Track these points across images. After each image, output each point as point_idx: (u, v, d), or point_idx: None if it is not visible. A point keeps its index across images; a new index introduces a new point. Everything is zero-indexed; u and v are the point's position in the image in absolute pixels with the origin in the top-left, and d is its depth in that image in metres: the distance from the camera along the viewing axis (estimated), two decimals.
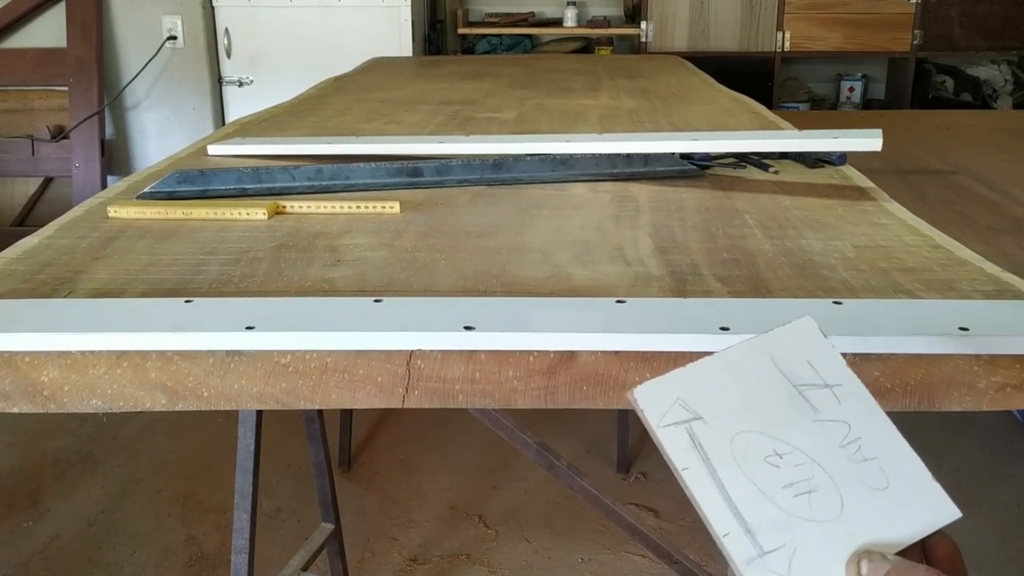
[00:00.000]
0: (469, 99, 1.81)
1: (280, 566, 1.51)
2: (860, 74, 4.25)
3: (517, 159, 1.15)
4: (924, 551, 0.49)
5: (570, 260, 0.83)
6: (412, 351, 0.64)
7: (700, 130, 1.45)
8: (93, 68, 3.36)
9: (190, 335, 0.64)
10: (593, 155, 1.15)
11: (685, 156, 1.17)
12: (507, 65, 2.53)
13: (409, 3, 3.46)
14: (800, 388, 0.51)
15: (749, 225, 0.93)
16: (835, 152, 1.18)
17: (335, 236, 0.90)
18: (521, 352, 0.64)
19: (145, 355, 0.65)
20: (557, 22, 4.21)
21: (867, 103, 4.26)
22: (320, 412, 1.51)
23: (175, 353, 0.65)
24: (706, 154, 1.19)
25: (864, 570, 0.46)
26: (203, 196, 1.05)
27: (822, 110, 4.17)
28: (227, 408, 0.66)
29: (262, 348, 0.65)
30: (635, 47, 4.03)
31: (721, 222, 0.95)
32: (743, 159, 1.21)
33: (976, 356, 0.64)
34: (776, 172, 1.16)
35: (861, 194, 1.07)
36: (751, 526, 0.46)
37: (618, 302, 0.70)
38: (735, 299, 0.72)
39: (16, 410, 0.65)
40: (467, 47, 4.30)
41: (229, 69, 3.58)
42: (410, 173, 1.11)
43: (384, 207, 0.99)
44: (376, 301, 0.70)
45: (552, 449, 1.39)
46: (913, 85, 3.98)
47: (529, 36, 4.26)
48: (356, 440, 2.32)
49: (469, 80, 2.14)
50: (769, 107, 1.72)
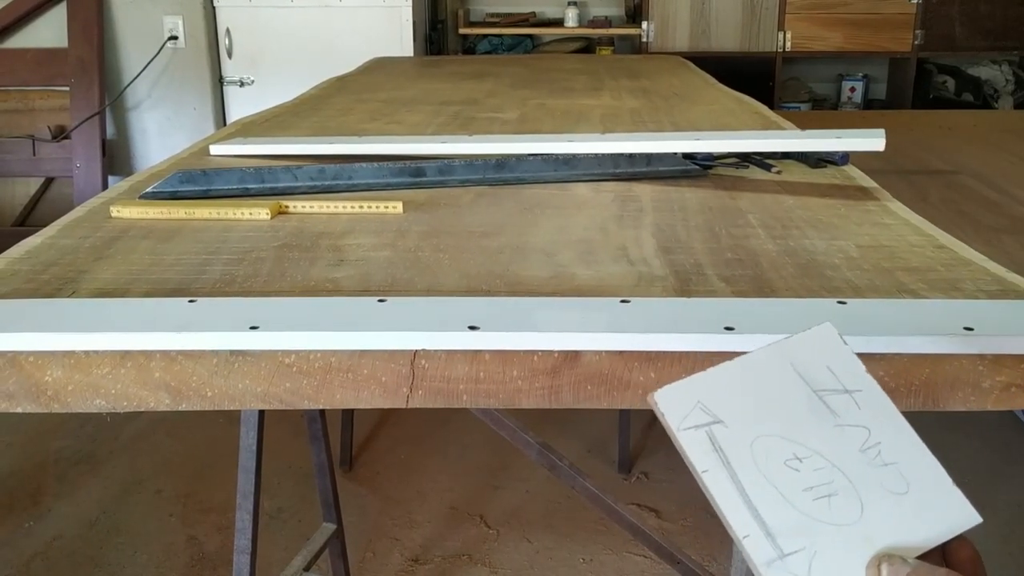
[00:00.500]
0: (471, 99, 1.81)
1: (282, 566, 1.51)
2: (861, 74, 4.25)
3: (520, 159, 1.15)
4: (944, 556, 0.49)
5: (573, 260, 0.83)
6: (416, 351, 0.64)
7: (702, 130, 1.45)
8: (94, 68, 3.36)
9: (194, 335, 0.64)
10: (596, 155, 1.15)
11: (688, 156, 1.16)
12: (508, 65, 2.53)
13: (410, 3, 3.46)
14: (820, 393, 0.51)
15: (752, 225, 0.93)
16: (838, 152, 1.18)
17: (338, 236, 0.90)
18: (525, 352, 0.64)
19: (149, 355, 0.65)
20: (558, 22, 4.21)
21: (868, 103, 4.26)
22: (322, 412, 1.51)
23: (179, 353, 0.65)
24: (709, 154, 1.19)
25: (884, 573, 0.46)
26: (206, 196, 1.05)
27: (823, 110, 4.17)
28: (231, 408, 0.66)
29: (266, 348, 0.64)
30: (636, 47, 4.03)
31: (724, 222, 0.94)
32: (746, 159, 1.21)
33: (981, 356, 0.64)
34: (779, 172, 1.16)
35: (864, 194, 1.07)
36: (771, 528, 0.46)
37: (622, 302, 0.70)
38: (739, 299, 0.72)
39: (20, 410, 0.65)
40: (468, 47, 4.30)
41: (230, 69, 3.58)
42: (413, 173, 1.11)
43: (387, 207, 0.98)
44: (380, 301, 0.70)
45: (554, 449, 1.39)
46: (914, 85, 3.98)
47: (530, 36, 4.26)
48: (357, 440, 2.32)
49: (471, 80, 2.14)
50: (770, 107, 1.72)
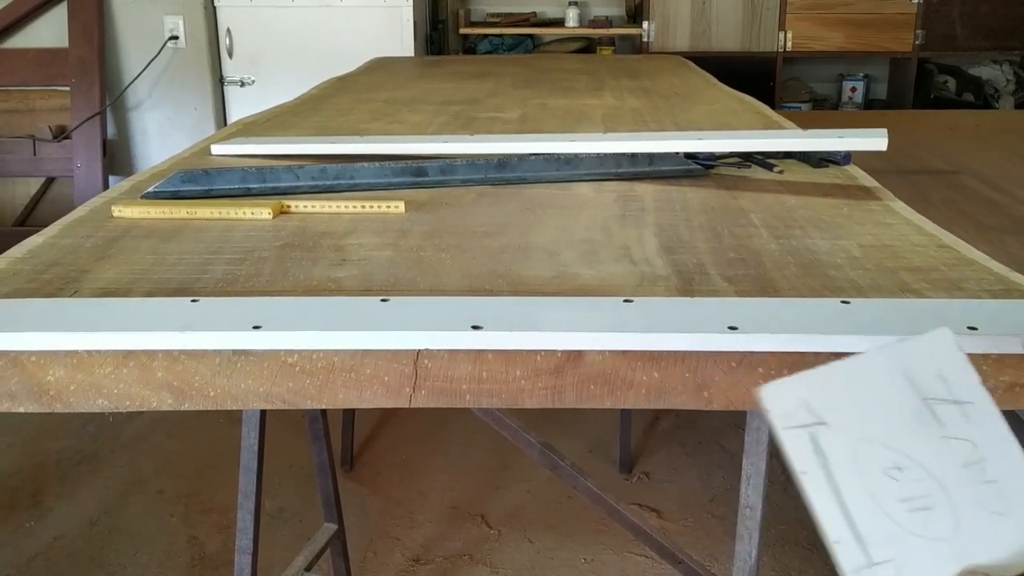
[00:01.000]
0: (472, 99, 1.81)
1: (283, 566, 1.51)
2: (862, 74, 4.25)
3: (521, 159, 1.15)
4: None
5: (576, 260, 0.83)
6: (419, 350, 0.64)
7: (704, 130, 1.45)
8: (95, 68, 3.36)
9: (196, 334, 0.64)
10: (597, 155, 1.15)
11: (689, 155, 1.16)
12: (509, 65, 2.53)
13: (411, 3, 3.46)
14: (928, 401, 0.51)
15: (755, 224, 0.93)
16: (839, 152, 1.18)
17: (340, 236, 0.90)
18: (528, 352, 0.64)
19: (151, 354, 0.65)
20: (559, 22, 4.21)
21: (869, 103, 4.26)
22: (323, 412, 1.51)
23: (181, 352, 0.65)
24: (711, 154, 1.19)
25: None
26: (207, 196, 1.05)
27: (824, 110, 4.17)
28: (233, 408, 0.66)
29: (269, 348, 0.64)
30: (637, 47, 4.02)
31: (727, 222, 0.94)
32: (747, 159, 1.20)
33: (984, 355, 0.64)
34: (781, 172, 1.16)
35: (866, 194, 1.07)
36: (863, 536, 0.46)
37: (625, 301, 0.69)
38: (742, 299, 0.72)
39: (22, 409, 0.65)
40: (469, 47, 4.30)
41: (231, 69, 3.58)
42: (414, 173, 1.10)
43: (389, 207, 0.98)
44: (383, 300, 0.70)
45: (555, 449, 1.39)
46: (915, 85, 3.98)
47: (531, 36, 4.26)
48: (358, 440, 2.32)
49: (472, 80, 2.14)
50: (771, 107, 1.72)
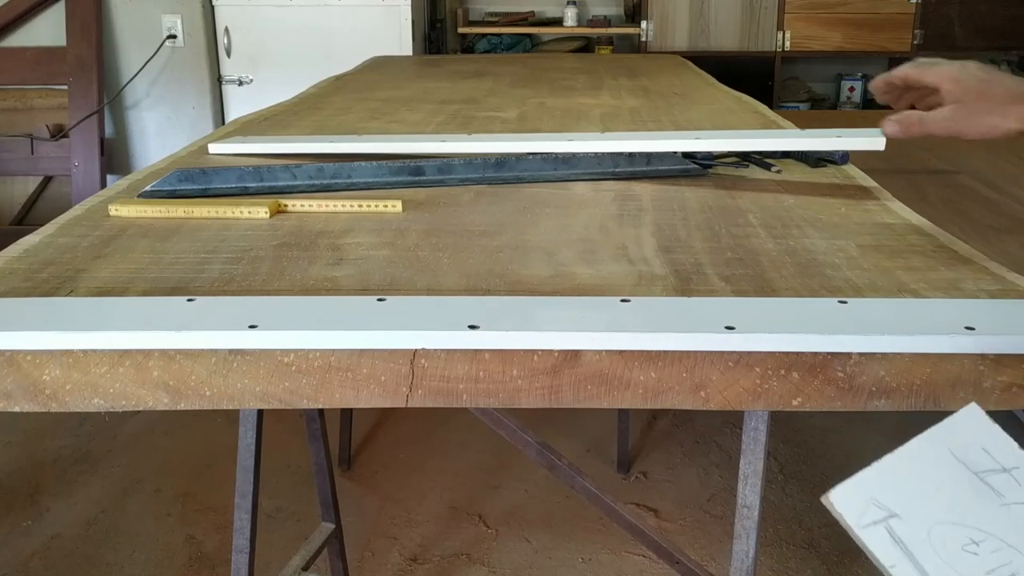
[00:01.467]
0: (470, 98, 1.81)
1: (280, 566, 1.51)
2: (860, 74, 4.25)
3: (519, 158, 1.14)
4: None
5: (573, 259, 0.82)
6: (416, 350, 0.64)
7: (702, 129, 1.45)
8: (93, 67, 3.35)
9: (193, 334, 0.64)
10: (595, 154, 1.15)
11: (687, 155, 1.16)
12: (508, 64, 2.52)
13: (409, 2, 3.46)
14: (981, 475, 0.53)
15: (752, 224, 0.93)
16: (837, 151, 1.18)
17: (337, 235, 0.90)
18: (525, 351, 0.64)
19: (147, 354, 0.65)
20: (557, 21, 4.21)
21: (867, 103, 4.26)
22: (321, 412, 1.50)
23: (177, 352, 0.64)
24: (708, 153, 1.19)
25: None
26: (204, 195, 1.05)
27: (822, 110, 4.17)
28: (230, 407, 0.66)
29: (265, 347, 0.64)
30: (635, 47, 4.03)
31: (724, 221, 0.94)
32: (746, 158, 1.20)
33: (982, 355, 0.64)
34: (779, 171, 1.16)
35: (864, 193, 1.06)
36: None
37: (622, 301, 0.69)
38: (740, 298, 0.72)
39: (18, 409, 0.65)
40: (467, 46, 4.30)
41: (229, 68, 3.57)
42: (412, 172, 1.10)
43: (386, 206, 0.98)
44: (380, 300, 0.70)
45: (553, 449, 1.39)
46: None
47: (529, 35, 4.26)
48: (356, 440, 2.32)
49: (470, 79, 2.14)
50: (769, 107, 1.72)
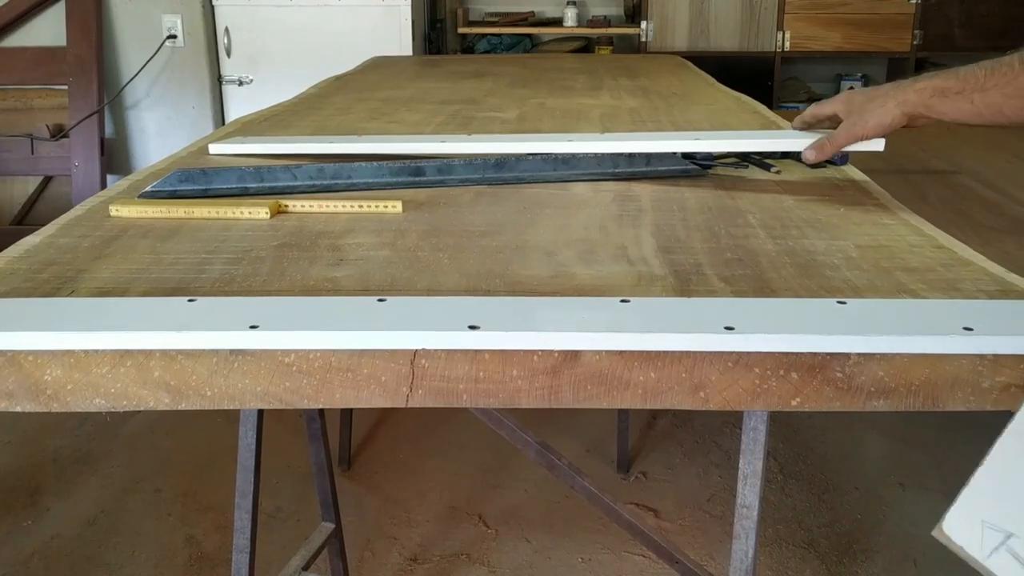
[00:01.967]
0: (470, 98, 1.81)
1: (280, 566, 1.51)
2: (860, 74, 4.26)
3: (519, 158, 1.15)
4: None
5: (573, 259, 0.83)
6: (416, 350, 0.64)
7: (702, 129, 1.45)
8: (93, 67, 3.36)
9: (194, 334, 0.64)
10: (595, 154, 1.15)
11: (687, 156, 1.16)
12: (507, 64, 2.53)
13: (409, 2, 3.46)
14: None
15: (752, 225, 0.93)
16: (837, 152, 1.18)
17: (338, 235, 0.90)
18: (525, 351, 0.64)
19: (148, 354, 0.65)
20: (557, 22, 4.21)
21: None
22: (321, 412, 1.51)
23: (179, 352, 0.65)
24: (708, 154, 1.19)
25: None
26: (205, 195, 1.05)
27: None
28: (231, 407, 0.66)
29: (266, 347, 0.64)
30: (635, 47, 4.03)
31: (724, 222, 0.94)
32: (745, 159, 1.21)
33: (980, 356, 0.64)
34: (778, 172, 1.16)
35: (863, 194, 1.07)
36: None
37: (622, 301, 0.70)
38: (739, 299, 0.72)
39: (19, 409, 0.65)
40: (467, 46, 4.30)
41: (229, 68, 3.58)
42: (412, 172, 1.11)
43: (386, 206, 0.98)
44: (380, 300, 0.70)
45: (553, 448, 1.39)
46: None
47: (529, 36, 4.26)
48: (356, 440, 2.32)
49: (470, 79, 2.14)
50: (769, 107, 1.72)
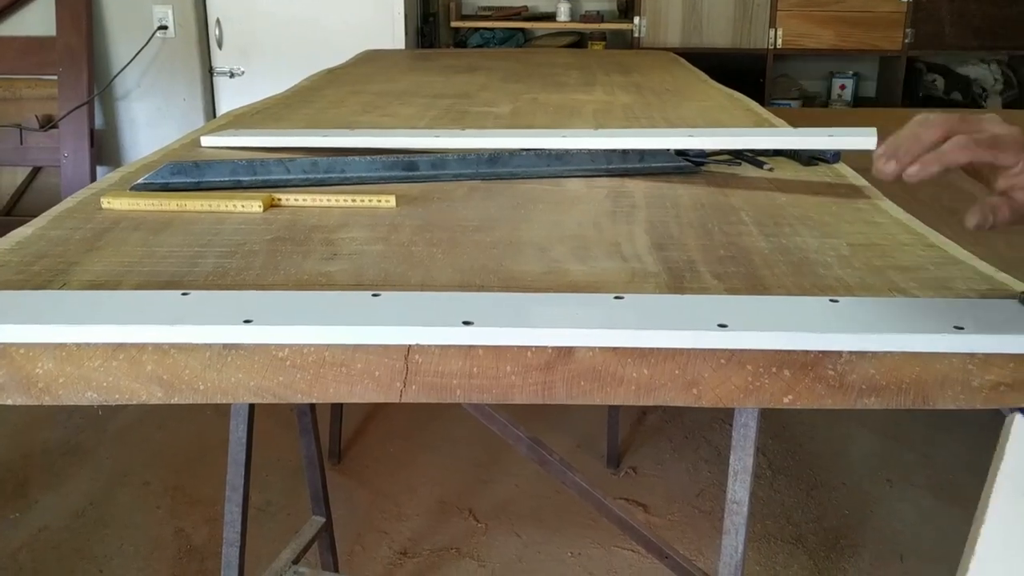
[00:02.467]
0: (463, 93, 1.81)
1: (271, 559, 1.51)
2: (851, 72, 4.27)
3: (513, 154, 1.15)
4: None
5: (567, 255, 0.83)
6: (411, 345, 0.64)
7: (695, 126, 1.45)
8: (83, 57, 3.33)
9: (187, 328, 0.64)
10: (589, 150, 1.15)
11: (680, 152, 1.17)
12: (500, 59, 2.52)
13: None
14: None
15: (745, 222, 0.94)
16: (829, 150, 1.19)
17: (331, 229, 0.90)
18: (519, 347, 0.64)
19: (141, 348, 0.64)
20: (550, 16, 4.20)
21: (858, 101, 4.28)
22: (312, 405, 1.51)
23: (171, 346, 0.64)
24: (701, 150, 1.19)
25: None
26: (197, 188, 1.04)
27: (814, 107, 4.18)
28: (223, 402, 0.66)
29: (259, 341, 0.64)
30: (628, 42, 4.03)
31: (717, 219, 0.95)
32: (738, 156, 1.21)
33: (971, 355, 0.65)
34: (771, 169, 1.16)
35: (855, 192, 1.07)
36: None
37: (616, 298, 0.70)
38: (732, 296, 0.72)
39: (10, 402, 0.65)
40: (460, 41, 4.29)
41: (220, 60, 3.56)
42: (405, 167, 1.10)
43: (380, 201, 0.98)
44: (374, 295, 0.70)
45: (545, 444, 1.39)
46: (904, 83, 3.99)
47: (522, 30, 4.26)
48: (347, 434, 2.32)
49: (463, 74, 2.14)
50: (761, 104, 1.72)
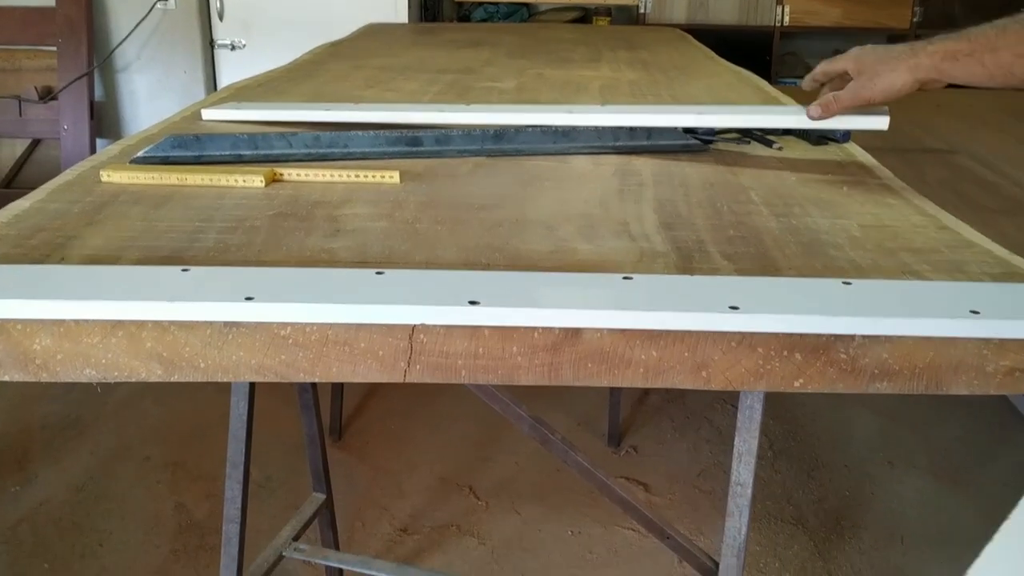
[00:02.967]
0: (467, 67, 1.78)
1: (271, 536, 1.50)
2: None
3: (518, 130, 1.13)
4: None
5: (574, 234, 0.81)
6: (415, 325, 0.63)
7: (703, 104, 1.43)
8: (83, 28, 3.29)
9: (187, 305, 0.63)
10: (595, 127, 1.13)
11: (688, 130, 1.15)
12: (505, 34, 2.49)
13: None
14: None
15: (754, 202, 0.92)
16: (839, 129, 1.17)
17: (334, 205, 0.89)
18: (526, 328, 0.63)
19: (141, 324, 0.63)
20: None
21: None
22: (313, 383, 1.50)
23: (172, 323, 0.63)
24: (709, 129, 1.17)
25: None
26: (198, 162, 1.03)
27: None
28: (224, 380, 0.65)
29: (261, 319, 0.63)
30: (633, 18, 3.98)
31: (726, 198, 0.93)
32: (747, 134, 1.19)
33: (986, 340, 0.63)
34: (780, 148, 1.15)
35: (865, 172, 1.06)
36: None
37: (625, 278, 0.68)
38: (743, 277, 0.71)
39: (8, 378, 0.64)
40: (463, 15, 4.24)
41: (221, 32, 3.51)
42: (409, 142, 1.09)
43: (384, 176, 0.97)
44: (378, 273, 0.68)
45: (546, 423, 1.38)
46: None
47: (526, 4, 4.21)
48: (347, 410, 2.31)
49: (467, 48, 2.11)
50: (768, 82, 1.70)
